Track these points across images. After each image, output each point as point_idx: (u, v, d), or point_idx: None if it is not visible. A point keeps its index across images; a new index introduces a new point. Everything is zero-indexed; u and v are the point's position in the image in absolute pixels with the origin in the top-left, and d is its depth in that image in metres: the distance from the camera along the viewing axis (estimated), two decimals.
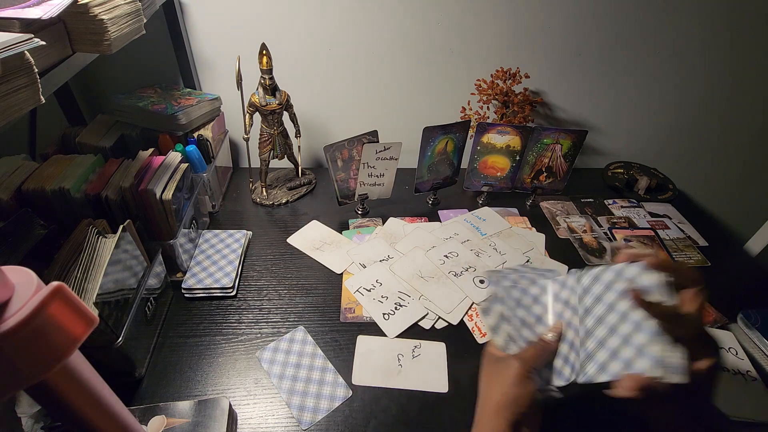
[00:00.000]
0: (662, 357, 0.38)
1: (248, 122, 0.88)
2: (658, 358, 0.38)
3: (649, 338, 0.39)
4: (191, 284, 0.73)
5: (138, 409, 0.53)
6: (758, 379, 0.62)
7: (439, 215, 0.96)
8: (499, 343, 0.49)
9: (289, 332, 0.69)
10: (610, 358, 0.42)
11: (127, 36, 0.53)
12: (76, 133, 0.80)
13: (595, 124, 1.14)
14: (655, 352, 0.39)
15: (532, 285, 0.52)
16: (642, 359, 0.39)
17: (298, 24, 0.93)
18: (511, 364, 0.45)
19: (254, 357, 0.65)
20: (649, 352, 0.39)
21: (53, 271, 0.53)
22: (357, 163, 0.88)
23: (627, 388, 0.38)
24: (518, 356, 0.46)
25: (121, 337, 0.54)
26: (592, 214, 0.98)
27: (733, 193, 1.27)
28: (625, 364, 0.40)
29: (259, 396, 0.60)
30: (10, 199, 0.61)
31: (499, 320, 0.50)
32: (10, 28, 0.39)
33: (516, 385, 0.44)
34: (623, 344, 0.41)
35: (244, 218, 0.94)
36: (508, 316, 0.49)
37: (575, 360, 0.45)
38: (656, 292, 0.40)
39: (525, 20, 0.95)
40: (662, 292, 0.40)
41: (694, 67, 1.03)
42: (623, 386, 0.39)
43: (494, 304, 0.51)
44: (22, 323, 0.25)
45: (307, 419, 0.58)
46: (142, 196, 0.66)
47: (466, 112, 1.03)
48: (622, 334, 0.42)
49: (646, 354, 0.39)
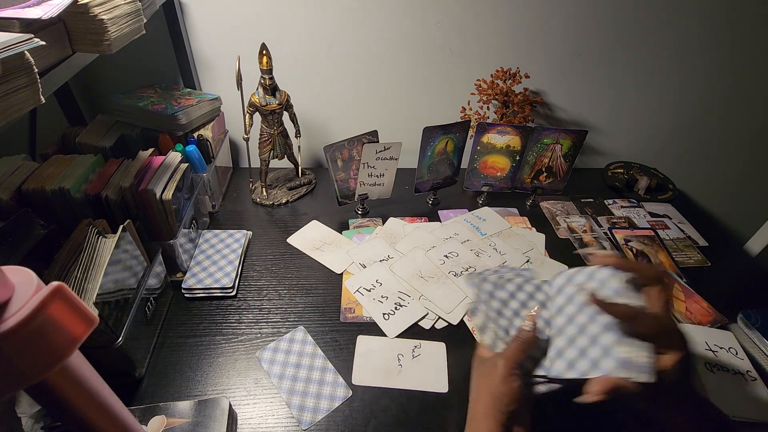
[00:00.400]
0: (628, 357, 0.39)
1: (248, 122, 0.88)
2: (623, 358, 0.39)
3: (615, 339, 0.41)
4: (191, 284, 0.73)
5: (138, 409, 0.52)
6: (758, 379, 0.62)
7: (439, 215, 0.96)
8: (487, 343, 0.49)
9: (289, 332, 0.69)
10: (578, 357, 0.43)
11: (127, 36, 0.53)
12: (76, 133, 0.80)
13: (595, 124, 1.14)
14: (620, 353, 0.40)
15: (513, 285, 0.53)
16: (607, 359, 0.40)
17: (298, 24, 0.93)
18: (496, 363, 0.45)
19: (254, 357, 0.65)
20: (615, 352, 0.40)
21: (53, 271, 0.53)
22: (357, 163, 0.88)
23: (595, 392, 0.39)
24: (501, 354, 0.46)
25: (121, 337, 0.54)
26: (592, 214, 0.98)
27: (733, 193, 1.27)
28: (592, 363, 0.42)
29: (259, 396, 0.60)
30: (10, 199, 0.61)
31: (485, 320, 0.50)
32: (10, 28, 0.39)
33: (501, 383, 0.44)
34: (591, 344, 0.43)
35: (244, 218, 0.94)
36: (493, 317, 0.50)
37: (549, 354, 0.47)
38: (620, 293, 0.42)
39: (525, 20, 0.95)
40: (626, 293, 0.42)
41: (694, 67, 1.03)
42: (592, 391, 0.39)
43: (480, 305, 0.52)
44: (22, 323, 0.25)
45: (307, 419, 0.58)
46: (142, 196, 0.66)
47: (466, 112, 1.03)
48: (590, 334, 0.43)
49: (611, 354, 0.40)
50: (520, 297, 0.52)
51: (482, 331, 0.50)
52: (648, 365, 0.39)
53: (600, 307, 0.42)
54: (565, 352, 0.45)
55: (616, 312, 0.41)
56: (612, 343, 0.41)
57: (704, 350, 0.65)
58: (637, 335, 0.40)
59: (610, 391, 0.39)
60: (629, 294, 0.42)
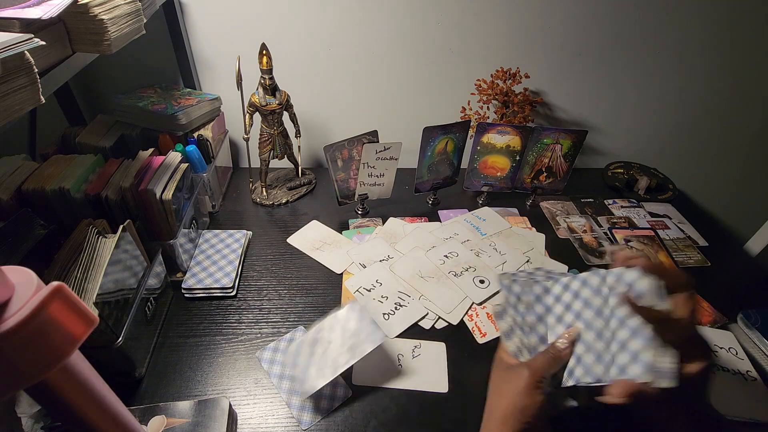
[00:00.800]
0: (653, 362, 0.39)
1: (248, 122, 0.88)
2: (649, 363, 0.39)
3: (643, 344, 0.40)
4: (191, 284, 0.73)
5: (138, 409, 0.52)
6: (758, 379, 0.62)
7: (439, 215, 0.96)
8: (511, 350, 0.48)
9: (289, 332, 0.69)
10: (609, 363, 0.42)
11: (127, 36, 0.53)
12: (76, 133, 0.80)
13: (595, 124, 1.14)
14: (647, 358, 0.39)
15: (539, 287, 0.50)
16: (636, 365, 0.40)
17: (298, 24, 0.93)
18: (521, 373, 0.44)
19: (254, 357, 0.65)
20: (643, 357, 0.39)
21: (53, 271, 0.53)
22: (357, 163, 0.88)
23: (617, 394, 0.39)
24: (528, 365, 0.44)
25: (121, 337, 0.54)
26: (592, 214, 0.98)
27: (733, 193, 1.27)
28: (620, 369, 0.41)
29: (259, 396, 0.60)
30: (10, 199, 0.61)
31: (512, 326, 0.49)
32: (10, 28, 0.39)
33: (525, 394, 0.43)
34: (620, 349, 0.41)
35: (244, 218, 0.94)
36: (520, 322, 0.49)
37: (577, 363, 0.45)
38: (649, 296, 0.41)
39: (525, 20, 0.95)
40: (655, 296, 0.40)
41: (694, 67, 1.03)
42: (614, 393, 0.39)
43: (508, 309, 0.50)
44: (22, 323, 0.25)
45: (307, 419, 0.58)
46: (142, 196, 0.66)
47: (466, 112, 1.03)
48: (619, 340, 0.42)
49: (640, 360, 0.39)
50: (548, 301, 0.50)
51: (507, 336, 0.49)
52: (672, 371, 0.38)
53: (633, 309, 0.41)
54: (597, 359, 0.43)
55: (647, 315, 0.40)
56: (641, 348, 0.40)
57: None
58: (664, 341, 0.39)
59: (632, 395, 0.38)
60: (658, 298, 0.41)
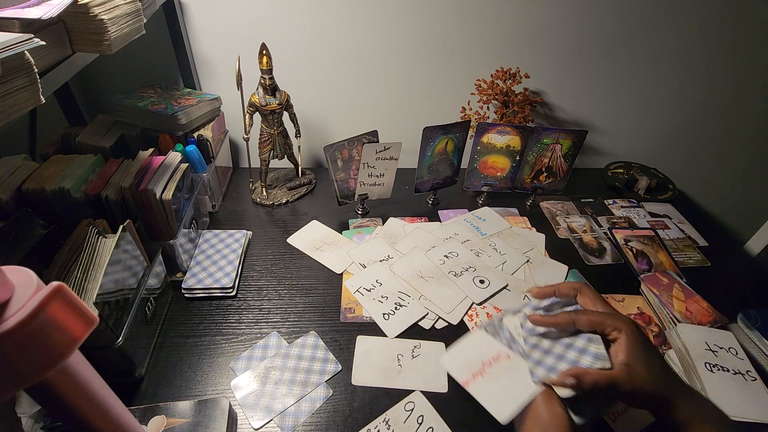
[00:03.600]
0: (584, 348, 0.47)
1: (248, 122, 0.88)
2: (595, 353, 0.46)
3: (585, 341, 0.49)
4: (191, 284, 0.73)
5: (138, 409, 0.52)
6: (758, 379, 0.62)
7: (439, 215, 0.96)
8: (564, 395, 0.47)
9: (263, 338, 0.68)
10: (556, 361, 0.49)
11: (127, 36, 0.53)
12: (76, 133, 0.80)
13: (595, 124, 1.14)
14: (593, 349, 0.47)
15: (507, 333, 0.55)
16: (585, 356, 0.47)
17: (298, 24, 0.93)
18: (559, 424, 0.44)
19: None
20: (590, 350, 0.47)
21: (53, 271, 0.53)
22: (357, 163, 0.88)
23: (563, 375, 0.45)
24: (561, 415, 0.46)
25: (121, 337, 0.54)
26: (592, 214, 0.98)
27: (733, 193, 1.27)
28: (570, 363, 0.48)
29: None
30: (10, 199, 0.61)
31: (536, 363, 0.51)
32: (10, 28, 0.39)
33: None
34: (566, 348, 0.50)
35: (244, 218, 0.94)
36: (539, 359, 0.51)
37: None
38: (557, 307, 0.52)
39: (525, 20, 0.95)
40: (561, 305, 0.52)
41: (694, 67, 1.03)
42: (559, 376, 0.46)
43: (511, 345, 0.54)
44: (22, 323, 0.25)
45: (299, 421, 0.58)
46: (142, 196, 0.66)
47: (466, 112, 1.03)
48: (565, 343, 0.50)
49: (588, 352, 0.47)
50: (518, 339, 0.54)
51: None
52: (601, 353, 0.46)
53: (539, 323, 0.50)
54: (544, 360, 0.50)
55: (557, 321, 0.49)
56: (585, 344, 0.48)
57: (704, 350, 0.65)
58: (585, 331, 0.48)
59: (575, 377, 0.44)
60: (564, 305, 0.52)
